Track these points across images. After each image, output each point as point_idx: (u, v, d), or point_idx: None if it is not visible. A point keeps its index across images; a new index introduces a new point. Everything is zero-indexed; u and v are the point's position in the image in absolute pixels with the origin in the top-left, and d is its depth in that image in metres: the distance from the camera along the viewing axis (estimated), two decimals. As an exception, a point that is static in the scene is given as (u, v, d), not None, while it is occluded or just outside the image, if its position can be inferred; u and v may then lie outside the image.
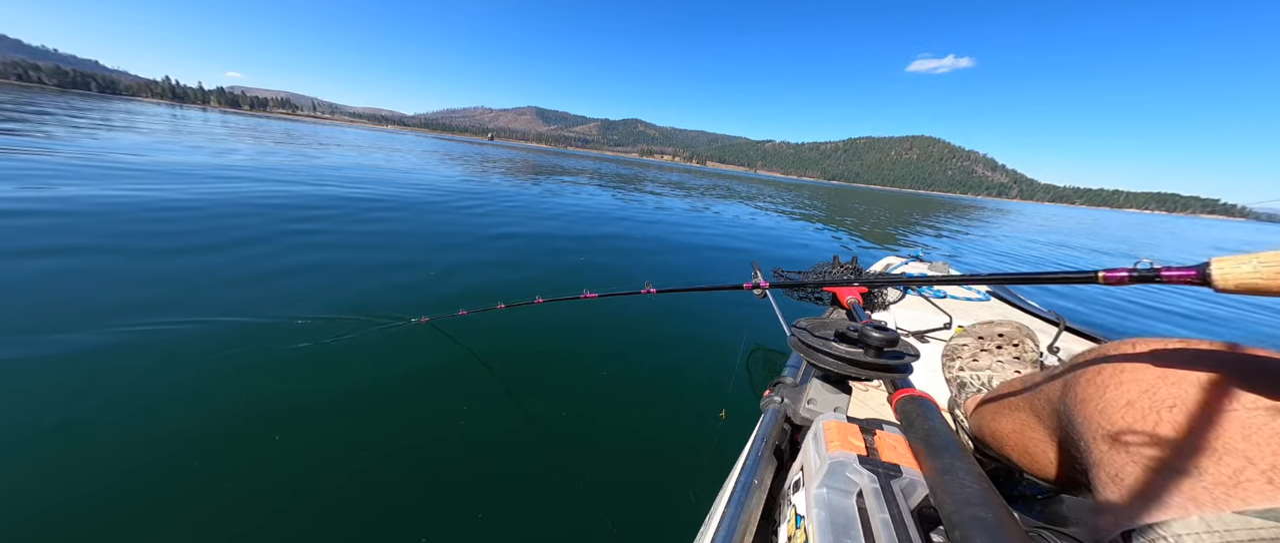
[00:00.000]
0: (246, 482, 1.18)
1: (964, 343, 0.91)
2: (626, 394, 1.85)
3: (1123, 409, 0.40)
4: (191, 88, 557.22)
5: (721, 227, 7.36)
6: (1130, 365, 0.42)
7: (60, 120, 12.73)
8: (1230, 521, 0.30)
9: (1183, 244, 17.35)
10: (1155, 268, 0.37)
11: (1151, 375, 0.40)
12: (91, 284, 2.25)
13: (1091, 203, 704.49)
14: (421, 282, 2.94)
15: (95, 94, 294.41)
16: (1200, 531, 0.30)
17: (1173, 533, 0.31)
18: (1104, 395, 0.42)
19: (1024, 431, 0.57)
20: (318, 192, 5.73)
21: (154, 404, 1.42)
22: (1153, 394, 0.38)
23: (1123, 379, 0.41)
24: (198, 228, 3.40)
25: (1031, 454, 0.56)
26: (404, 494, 1.22)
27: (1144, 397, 0.39)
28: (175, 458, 1.23)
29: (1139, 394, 0.39)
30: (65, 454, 1.20)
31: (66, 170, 5.05)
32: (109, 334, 1.78)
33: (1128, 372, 0.42)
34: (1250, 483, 0.30)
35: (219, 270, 2.61)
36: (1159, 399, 0.38)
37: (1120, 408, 0.40)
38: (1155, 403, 0.38)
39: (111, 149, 7.49)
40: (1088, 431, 0.43)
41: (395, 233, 4.11)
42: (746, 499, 0.55)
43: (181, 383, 1.54)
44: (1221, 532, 0.29)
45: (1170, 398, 0.37)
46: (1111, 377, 0.43)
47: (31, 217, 3.15)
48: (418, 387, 1.72)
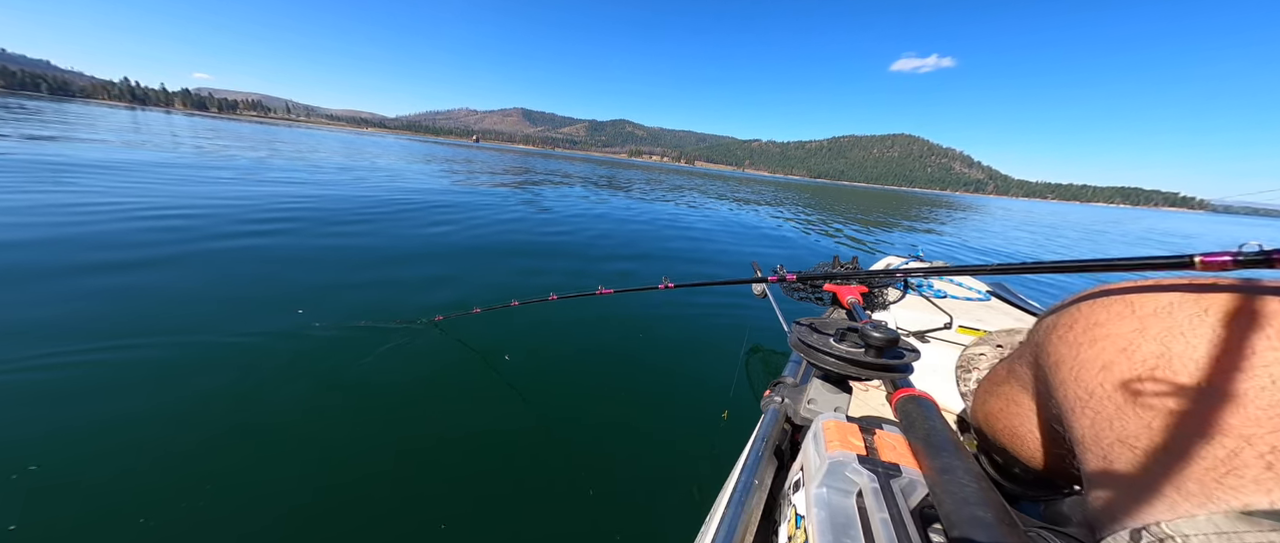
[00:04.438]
0: (263, 481, 1.20)
1: (981, 352, 0.77)
2: (632, 396, 1.86)
3: (1099, 374, 0.33)
4: (154, 89, 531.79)
5: (719, 227, 7.41)
6: (1104, 317, 0.34)
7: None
8: (1239, 522, 0.25)
9: (1147, 234, 18.11)
10: (1266, 251, 0.30)
11: (1129, 329, 0.32)
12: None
13: (1062, 197, 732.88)
14: (434, 281, 2.94)
15: (45, 95, 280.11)
16: (1208, 531, 0.25)
17: (1180, 533, 0.26)
18: (1077, 356, 0.35)
19: (1009, 407, 0.49)
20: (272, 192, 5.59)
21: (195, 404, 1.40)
22: (1131, 354, 0.31)
23: (1096, 335, 0.34)
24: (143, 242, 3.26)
25: (1019, 436, 0.49)
26: (412, 489, 1.24)
27: (1121, 358, 0.32)
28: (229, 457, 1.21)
29: (1116, 354, 0.32)
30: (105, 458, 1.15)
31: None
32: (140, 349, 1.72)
33: (1101, 326, 0.34)
34: (1247, 469, 0.25)
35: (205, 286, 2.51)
36: (1138, 361, 0.31)
37: (1096, 373, 0.33)
38: (1134, 366, 0.31)
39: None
40: (1065, 401, 0.36)
41: (396, 235, 4.04)
42: (747, 499, 0.55)
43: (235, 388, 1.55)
44: (1228, 532, 0.25)
45: (1150, 358, 0.30)
46: (1084, 333, 0.35)
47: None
48: (432, 385, 1.74)
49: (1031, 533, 0.41)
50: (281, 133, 36.61)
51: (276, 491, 1.19)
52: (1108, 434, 0.32)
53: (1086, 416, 0.34)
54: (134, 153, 8.50)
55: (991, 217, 16.29)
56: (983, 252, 8.25)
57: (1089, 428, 0.33)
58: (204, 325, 1.98)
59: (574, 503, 1.26)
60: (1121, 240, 13.23)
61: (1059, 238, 11.98)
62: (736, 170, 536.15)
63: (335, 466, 1.30)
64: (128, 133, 14.11)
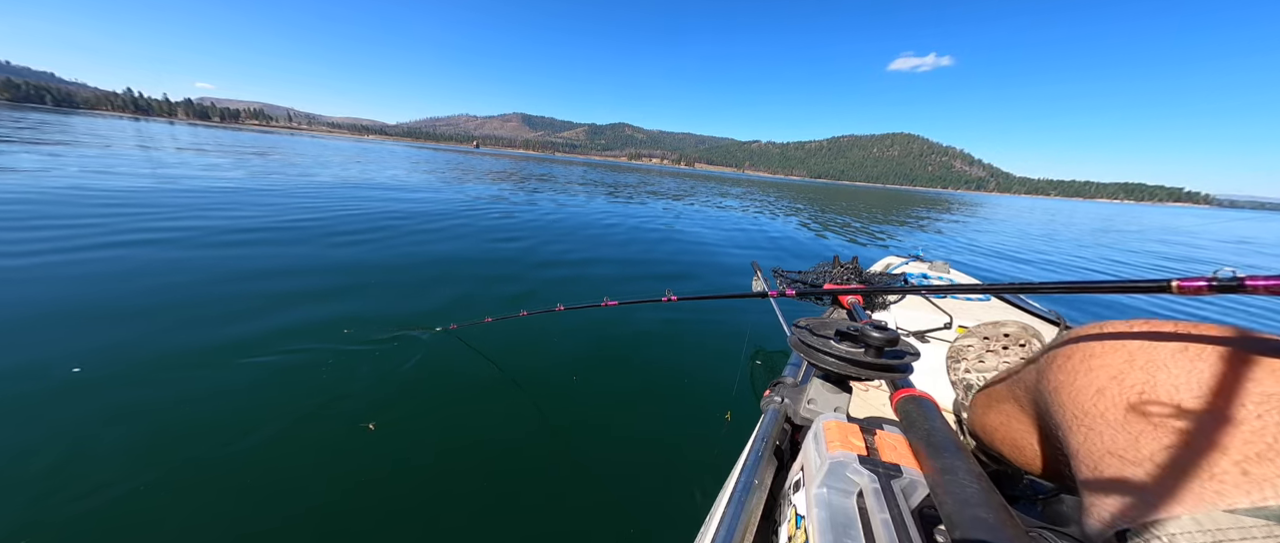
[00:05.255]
0: (266, 484, 1.19)
1: (969, 344, 0.87)
2: (635, 399, 1.87)
3: (1093, 397, 0.38)
4: (156, 100, 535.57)
5: (719, 228, 7.41)
6: (1099, 350, 0.40)
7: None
8: (1219, 519, 0.28)
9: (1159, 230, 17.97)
10: (1238, 277, 0.32)
11: (1119, 361, 0.38)
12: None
13: (1064, 194, 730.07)
14: (451, 291, 2.99)
15: (50, 108, 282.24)
16: (1191, 530, 0.29)
17: (1166, 533, 0.30)
18: (1074, 382, 0.40)
19: (1010, 422, 0.55)
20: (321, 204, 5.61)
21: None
22: (1121, 381, 0.36)
23: (1092, 365, 0.39)
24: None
25: (1019, 447, 0.54)
26: (416, 491, 1.25)
27: (1113, 384, 0.37)
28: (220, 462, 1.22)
29: (1108, 381, 0.37)
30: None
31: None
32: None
33: (1097, 357, 0.39)
34: (1226, 476, 0.29)
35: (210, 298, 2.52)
36: (1128, 386, 0.36)
37: (1091, 396, 0.38)
38: (1124, 391, 0.36)
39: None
40: (1063, 419, 0.41)
41: (408, 245, 4.07)
42: (747, 499, 0.55)
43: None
44: (1212, 531, 0.28)
45: (1138, 384, 0.35)
46: (1081, 362, 0.41)
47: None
48: (443, 391, 1.77)
49: (1032, 534, 0.41)
50: (302, 144, 36.81)
51: (285, 495, 1.20)
52: (1098, 448, 0.36)
53: (1080, 432, 0.38)
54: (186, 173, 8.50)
55: (987, 220, 16.22)
56: (981, 250, 8.19)
57: (1083, 442, 0.38)
58: (197, 323, 1.99)
59: (573, 503, 1.27)
60: (1138, 237, 12.95)
61: (1082, 248, 10.17)
62: (737, 171, 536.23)
63: (342, 473, 1.30)
64: (183, 152, 13.76)
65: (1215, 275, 0.34)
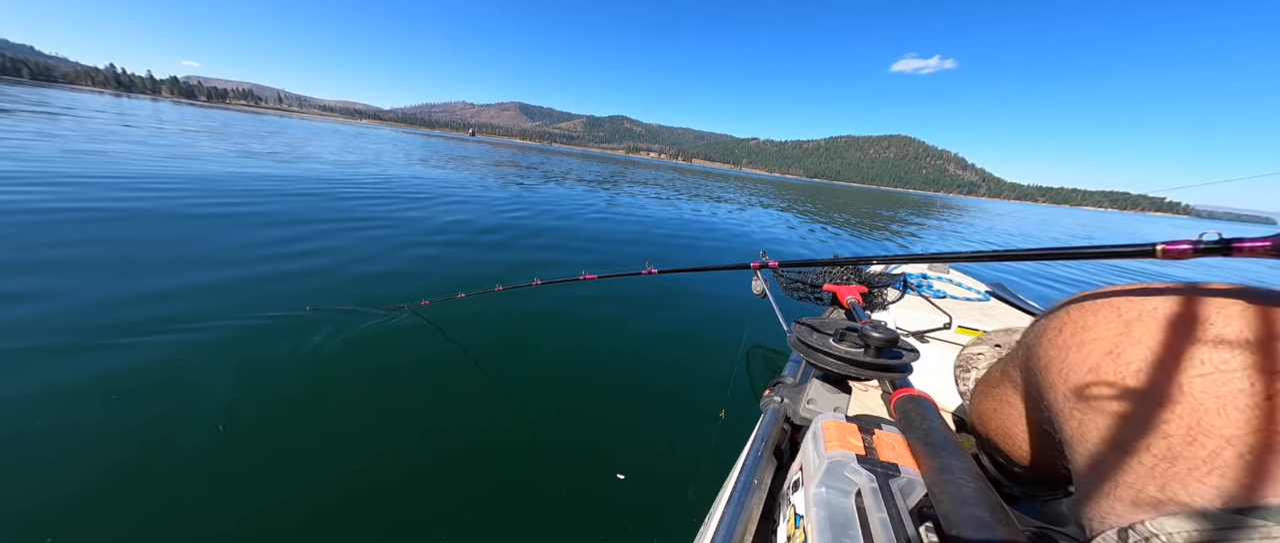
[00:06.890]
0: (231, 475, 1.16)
1: (980, 351, 0.78)
2: (628, 393, 1.85)
3: (1087, 376, 0.33)
4: (140, 77, 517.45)
5: (720, 227, 7.40)
6: (1093, 320, 0.35)
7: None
8: (1225, 518, 0.25)
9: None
10: (1225, 240, 0.31)
11: (1115, 333, 0.33)
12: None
13: (1052, 200, 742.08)
14: (417, 266, 2.93)
15: (25, 80, 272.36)
16: (1192, 527, 0.26)
17: (1166, 533, 0.27)
18: (1066, 359, 0.36)
19: (1002, 407, 0.50)
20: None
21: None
22: (1117, 357, 0.32)
23: (1084, 339, 0.35)
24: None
25: (1012, 436, 0.49)
26: (407, 486, 1.23)
27: (1108, 360, 0.32)
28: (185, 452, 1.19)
29: (1102, 357, 0.33)
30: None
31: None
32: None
33: (1090, 329, 0.35)
34: (1229, 468, 0.26)
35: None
36: (1124, 363, 0.31)
37: (1084, 375, 0.33)
38: (1120, 368, 0.31)
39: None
40: (1054, 401, 0.36)
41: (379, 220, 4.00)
42: (746, 499, 0.55)
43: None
44: (1212, 529, 0.25)
45: (1135, 361, 0.31)
46: (1073, 336, 0.36)
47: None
48: (415, 378, 1.72)
49: (1029, 533, 0.41)
50: (320, 128, 35.93)
51: (264, 480, 1.18)
52: (1095, 435, 0.32)
53: (1075, 417, 0.34)
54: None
55: (980, 224, 16.47)
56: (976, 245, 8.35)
57: (1078, 429, 0.34)
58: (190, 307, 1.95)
59: (572, 502, 1.25)
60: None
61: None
62: (734, 168, 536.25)
63: (319, 456, 1.29)
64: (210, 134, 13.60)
65: (1201, 238, 0.32)
